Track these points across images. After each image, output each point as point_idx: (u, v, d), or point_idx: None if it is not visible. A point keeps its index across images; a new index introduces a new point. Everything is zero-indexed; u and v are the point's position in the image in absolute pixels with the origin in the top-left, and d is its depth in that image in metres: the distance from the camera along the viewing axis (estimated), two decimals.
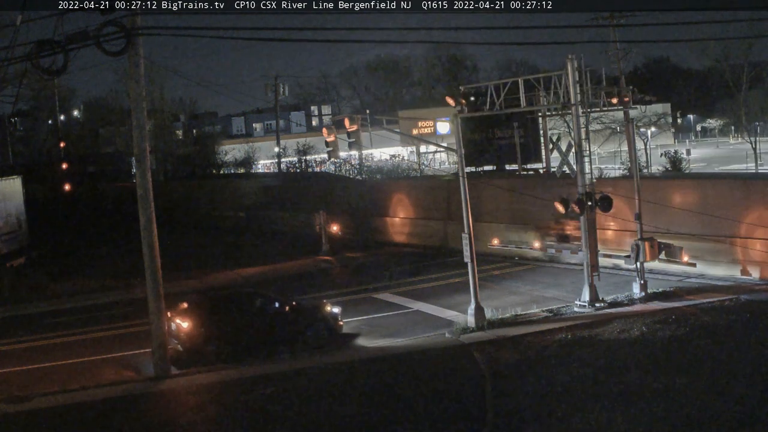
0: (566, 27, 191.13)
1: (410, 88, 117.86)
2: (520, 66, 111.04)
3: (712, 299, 23.71)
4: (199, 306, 23.11)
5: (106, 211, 59.25)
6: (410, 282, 31.13)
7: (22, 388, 20.11)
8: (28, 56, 18.30)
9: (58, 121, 76.97)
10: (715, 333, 20.20)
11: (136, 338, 24.03)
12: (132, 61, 19.94)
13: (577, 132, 24.55)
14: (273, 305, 23.05)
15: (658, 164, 54.05)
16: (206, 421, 17.11)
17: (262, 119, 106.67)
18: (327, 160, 62.98)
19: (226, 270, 36.11)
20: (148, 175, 20.44)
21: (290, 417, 16.75)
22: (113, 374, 21.19)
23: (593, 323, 22.23)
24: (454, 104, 24.85)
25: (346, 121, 24.31)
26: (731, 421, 14.56)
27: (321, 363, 20.73)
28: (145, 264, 20.54)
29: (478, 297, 23.24)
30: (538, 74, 27.28)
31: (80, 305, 31.04)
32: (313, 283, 32.37)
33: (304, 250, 39.83)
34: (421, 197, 41.26)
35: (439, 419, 16.01)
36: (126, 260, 36.05)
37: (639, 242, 24.75)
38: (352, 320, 24.67)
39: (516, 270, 31.98)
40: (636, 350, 19.31)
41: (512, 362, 19.46)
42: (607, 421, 14.92)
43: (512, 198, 33.62)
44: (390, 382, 18.66)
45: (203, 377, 20.21)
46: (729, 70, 75.77)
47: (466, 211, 23.55)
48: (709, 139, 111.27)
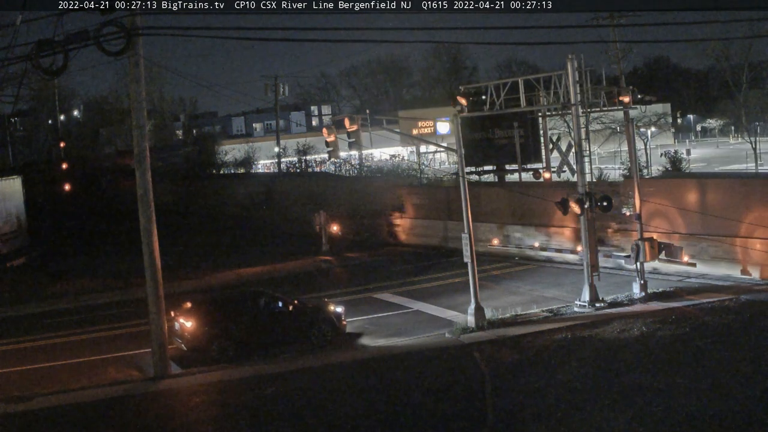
0: (566, 27, 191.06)
1: (410, 88, 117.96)
2: (520, 66, 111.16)
3: (712, 299, 23.72)
4: (202, 305, 23.14)
5: (106, 210, 59.20)
6: (410, 282, 31.15)
7: (22, 388, 20.13)
8: (28, 56, 18.27)
9: (58, 121, 76.95)
10: (715, 333, 20.19)
11: (137, 338, 24.06)
12: (132, 61, 19.95)
13: (577, 132, 24.56)
14: (276, 305, 23.06)
15: (658, 164, 53.98)
16: (206, 421, 17.10)
17: (262, 119, 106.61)
18: (327, 160, 62.98)
19: (226, 270, 36.12)
20: (148, 175, 20.44)
21: (290, 417, 16.75)
22: (113, 374, 21.21)
23: (593, 323, 22.24)
24: (454, 104, 24.86)
25: (346, 121, 24.32)
26: (731, 421, 14.56)
27: (321, 363, 20.73)
28: (145, 264, 20.54)
29: (478, 297, 23.25)
30: (538, 74, 27.30)
31: (80, 305, 31.06)
32: (313, 283, 32.39)
33: (304, 250, 39.84)
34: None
35: (439, 419, 16.02)
36: (126, 260, 36.05)
37: (639, 242, 24.76)
38: (354, 320, 24.68)
39: (516, 270, 31.99)
40: (636, 350, 19.32)
41: (512, 362, 19.47)
42: (607, 421, 14.93)
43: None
44: (390, 382, 18.66)
45: (203, 377, 20.21)
46: (729, 70, 75.71)
47: (466, 211, 23.55)
48: (709, 139, 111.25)
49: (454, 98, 24.88)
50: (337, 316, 23.27)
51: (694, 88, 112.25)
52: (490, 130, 38.96)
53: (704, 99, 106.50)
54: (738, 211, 26.78)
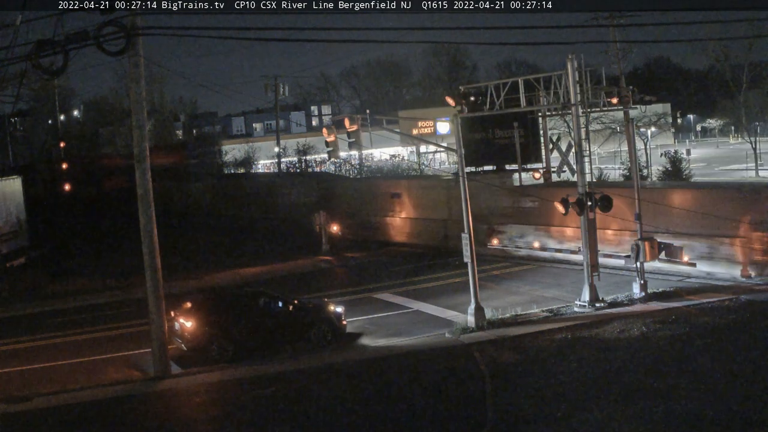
0: (566, 27, 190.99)
1: (410, 88, 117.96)
2: (520, 66, 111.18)
3: (712, 299, 23.72)
4: (202, 305, 23.13)
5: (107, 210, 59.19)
6: (410, 282, 31.14)
7: (22, 388, 20.13)
8: (28, 56, 18.28)
9: (58, 121, 76.88)
10: (715, 333, 20.20)
11: (137, 338, 24.05)
12: (132, 61, 19.95)
13: (577, 132, 24.56)
14: (277, 304, 23.05)
15: (658, 164, 54.01)
16: (206, 421, 17.10)
17: (262, 119, 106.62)
18: (327, 160, 62.98)
19: (226, 270, 36.12)
20: (148, 175, 20.43)
21: (290, 417, 16.75)
22: (113, 374, 21.20)
23: (593, 323, 22.24)
24: (454, 104, 24.85)
25: (346, 121, 24.32)
26: (731, 421, 14.56)
27: (320, 363, 20.73)
28: (145, 264, 20.54)
29: (478, 297, 23.24)
30: (538, 74, 27.31)
31: (80, 305, 31.05)
32: (313, 282, 32.39)
33: (304, 250, 39.82)
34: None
35: (439, 419, 16.01)
36: (126, 260, 36.03)
37: (639, 242, 24.75)
38: (354, 320, 24.66)
39: (516, 270, 31.99)
40: (636, 350, 19.32)
41: (512, 362, 19.46)
42: (607, 421, 14.92)
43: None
44: (390, 382, 18.66)
45: (203, 377, 20.22)
46: (729, 70, 75.63)
47: (466, 211, 23.54)
48: (709, 139, 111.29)
49: (454, 98, 24.84)
50: (337, 316, 23.27)
51: (694, 88, 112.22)
52: (490, 130, 39.02)
53: (704, 99, 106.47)
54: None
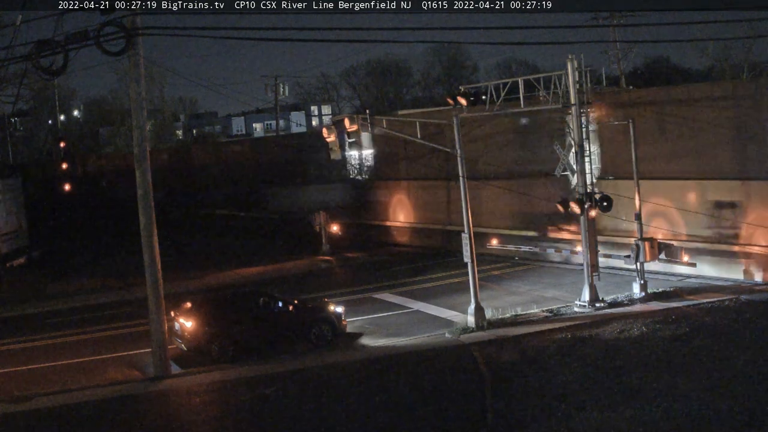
0: (566, 27, 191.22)
1: (410, 88, 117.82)
2: (520, 66, 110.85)
3: (712, 299, 23.72)
4: (202, 305, 23.12)
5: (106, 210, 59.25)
6: (410, 282, 31.15)
7: (22, 388, 20.14)
8: (28, 56, 18.30)
9: (58, 121, 76.95)
10: (715, 333, 20.20)
11: (137, 338, 24.06)
12: (132, 61, 19.96)
13: (577, 132, 24.55)
14: (277, 305, 23.05)
15: None
16: (206, 421, 17.11)
17: (262, 119, 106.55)
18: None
19: (226, 270, 36.12)
20: (148, 175, 20.44)
21: (290, 417, 16.75)
22: (113, 374, 21.21)
23: (593, 323, 22.24)
24: (454, 104, 24.84)
25: (346, 121, 24.33)
26: (731, 420, 14.56)
27: (320, 363, 20.73)
28: (145, 264, 20.54)
29: (478, 297, 23.24)
30: (538, 74, 27.26)
31: (80, 305, 31.06)
32: (313, 283, 32.37)
33: (304, 250, 39.84)
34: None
35: (439, 419, 16.02)
36: (126, 260, 36.06)
37: (639, 242, 24.75)
38: (354, 320, 24.66)
39: (516, 270, 31.99)
40: (636, 350, 19.32)
41: (512, 362, 19.46)
42: (607, 421, 14.92)
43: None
44: (390, 382, 18.66)
45: (203, 377, 20.22)
46: (729, 70, 75.58)
47: (466, 211, 23.54)
48: None
49: (454, 98, 24.82)
50: (337, 316, 23.27)
51: None
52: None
53: None
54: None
